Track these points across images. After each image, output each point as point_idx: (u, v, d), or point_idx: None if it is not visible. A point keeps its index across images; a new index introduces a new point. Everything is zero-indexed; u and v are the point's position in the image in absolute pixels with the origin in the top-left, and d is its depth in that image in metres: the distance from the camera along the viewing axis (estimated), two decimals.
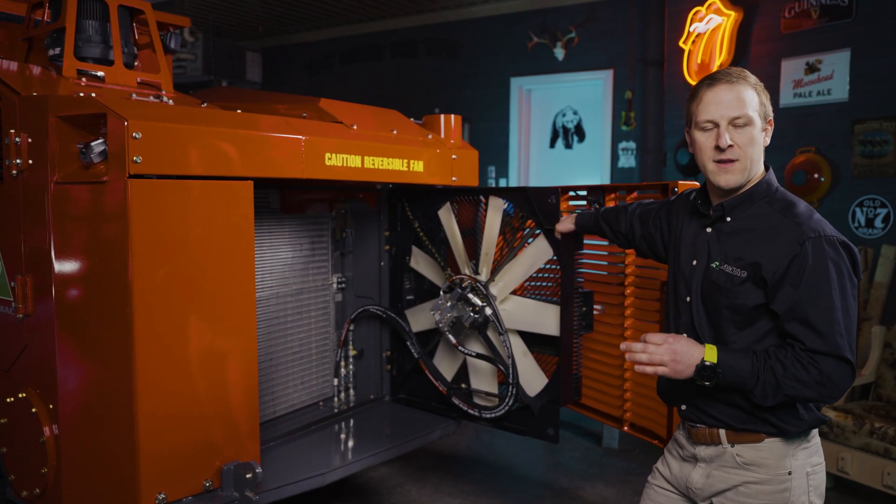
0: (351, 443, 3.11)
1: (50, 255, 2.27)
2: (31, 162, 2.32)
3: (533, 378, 3.00)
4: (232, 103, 2.96)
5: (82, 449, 2.28)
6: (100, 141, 2.11)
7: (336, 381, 3.54)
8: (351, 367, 3.59)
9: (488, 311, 2.98)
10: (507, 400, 3.00)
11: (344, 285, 3.60)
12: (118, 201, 2.07)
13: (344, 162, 2.69)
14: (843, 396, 3.45)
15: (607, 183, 6.19)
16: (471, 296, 3.01)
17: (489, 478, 4.04)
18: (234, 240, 2.32)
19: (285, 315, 3.26)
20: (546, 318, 2.92)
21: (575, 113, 6.93)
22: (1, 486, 2.60)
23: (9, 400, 2.44)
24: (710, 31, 5.64)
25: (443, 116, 3.37)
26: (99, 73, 2.69)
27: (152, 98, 2.61)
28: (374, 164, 2.81)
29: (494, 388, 3.17)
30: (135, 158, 2.05)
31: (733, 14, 5.51)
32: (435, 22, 7.47)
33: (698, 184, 2.14)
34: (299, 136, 2.54)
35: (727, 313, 1.82)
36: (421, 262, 3.42)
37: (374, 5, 7.31)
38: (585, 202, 3.15)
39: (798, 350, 1.71)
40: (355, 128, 2.90)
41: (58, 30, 2.70)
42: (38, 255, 2.32)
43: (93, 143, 2.10)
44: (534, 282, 3.10)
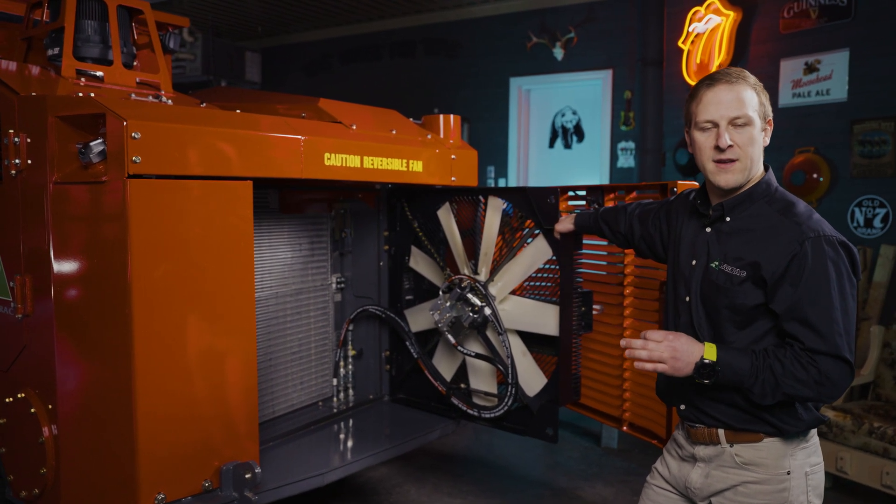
0: (350, 443, 3.11)
1: (49, 256, 2.26)
2: (30, 162, 2.31)
3: (532, 378, 2.99)
4: (231, 103, 2.95)
5: (81, 449, 2.28)
6: (99, 141, 2.10)
7: (335, 381, 3.54)
8: (350, 367, 3.58)
9: (487, 311, 2.98)
10: (507, 400, 3.00)
11: (343, 285, 3.60)
12: (117, 201, 2.07)
13: (343, 162, 2.69)
14: (842, 396, 3.45)
15: (606, 183, 6.20)
16: (470, 296, 3.00)
17: (488, 478, 4.04)
18: (234, 240, 2.32)
19: (284, 315, 3.26)
20: (545, 318, 2.92)
21: (574, 113, 6.93)
22: (0, 486, 2.59)
23: (8, 400, 2.44)
24: (709, 31, 5.65)
25: (442, 116, 3.37)
26: (98, 73, 2.69)
27: (151, 98, 2.61)
28: (373, 164, 2.81)
29: (493, 388, 3.17)
30: (134, 158, 2.04)
31: (732, 14, 5.51)
32: (434, 22, 7.47)
33: (697, 184, 2.15)
34: (298, 136, 2.54)
35: (726, 313, 1.82)
36: (420, 262, 3.42)
37: (373, 5, 7.31)
38: (584, 202, 3.16)
39: (797, 349, 1.71)
40: (354, 128, 2.90)
41: (57, 30, 2.70)
42: (37, 255, 2.32)
43: (92, 143, 2.10)
44: (533, 282, 3.10)
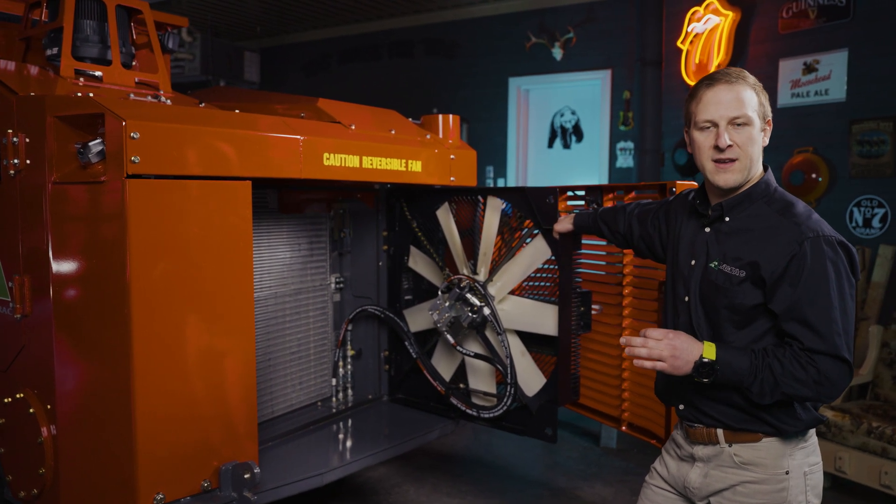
0: (349, 443, 3.11)
1: (48, 256, 2.26)
2: (28, 162, 2.31)
3: (531, 378, 2.99)
4: (230, 103, 2.95)
5: (80, 449, 2.28)
6: (98, 141, 2.10)
7: (334, 381, 3.54)
8: (349, 367, 3.58)
9: (486, 311, 2.98)
10: (506, 400, 3.00)
11: (342, 285, 3.60)
12: (116, 201, 2.07)
13: (342, 162, 2.69)
14: (841, 396, 3.46)
15: (605, 183, 6.20)
16: (469, 296, 3.00)
17: (487, 477, 4.04)
18: (233, 240, 2.32)
19: (283, 315, 3.26)
20: (544, 318, 2.92)
21: (573, 113, 6.93)
22: None
23: (6, 400, 2.44)
24: (707, 31, 5.65)
25: (441, 116, 3.37)
26: (97, 73, 2.69)
27: (150, 98, 2.61)
28: (372, 164, 2.81)
29: (492, 388, 3.17)
30: (133, 158, 2.04)
31: (731, 14, 5.52)
32: (433, 22, 7.47)
33: (696, 184, 2.15)
34: (297, 136, 2.53)
35: (725, 313, 1.82)
36: (419, 262, 3.42)
37: (372, 5, 7.31)
38: (583, 202, 3.16)
39: (796, 349, 1.71)
40: (353, 128, 2.90)
41: (55, 29, 2.70)
42: (36, 255, 2.32)
43: (91, 143, 2.10)
44: (532, 282, 3.10)
